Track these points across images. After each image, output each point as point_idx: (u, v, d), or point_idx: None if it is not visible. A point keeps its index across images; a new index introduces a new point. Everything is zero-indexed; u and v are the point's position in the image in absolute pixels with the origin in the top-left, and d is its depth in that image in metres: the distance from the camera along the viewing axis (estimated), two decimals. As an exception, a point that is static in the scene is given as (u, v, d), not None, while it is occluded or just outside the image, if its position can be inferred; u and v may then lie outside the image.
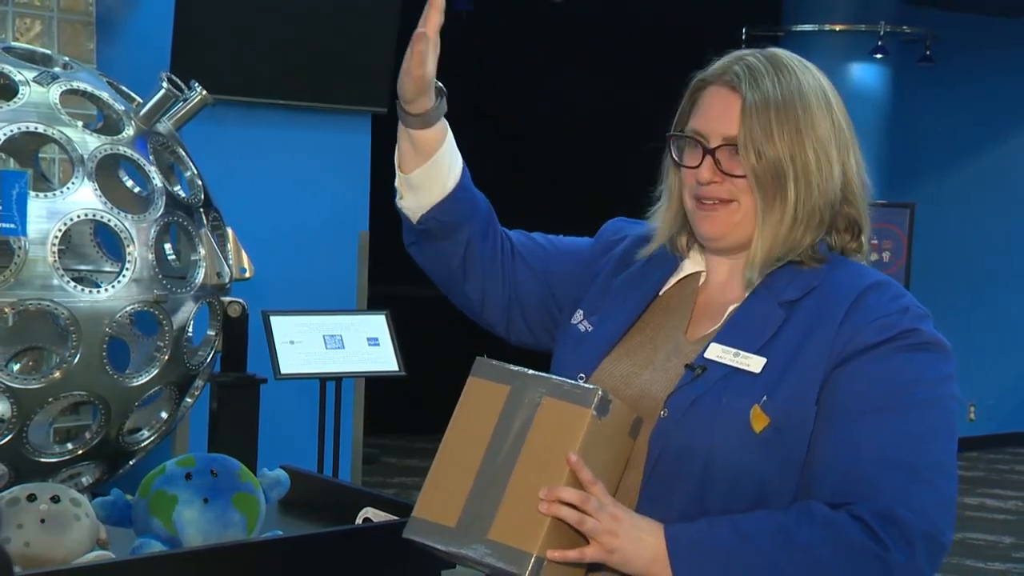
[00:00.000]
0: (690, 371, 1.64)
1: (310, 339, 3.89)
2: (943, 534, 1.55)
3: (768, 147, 1.63)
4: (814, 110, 1.66)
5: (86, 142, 2.54)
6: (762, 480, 1.58)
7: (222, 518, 2.03)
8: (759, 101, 1.64)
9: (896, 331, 1.59)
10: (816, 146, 1.65)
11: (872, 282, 1.65)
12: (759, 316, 1.66)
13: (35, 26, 3.44)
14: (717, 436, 1.59)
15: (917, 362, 1.60)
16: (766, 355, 1.62)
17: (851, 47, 7.98)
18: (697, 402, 1.61)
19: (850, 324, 1.60)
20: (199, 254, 2.67)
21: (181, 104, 2.78)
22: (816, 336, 1.61)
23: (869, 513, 1.52)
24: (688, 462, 1.60)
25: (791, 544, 1.52)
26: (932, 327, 1.63)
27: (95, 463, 2.63)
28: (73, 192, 2.47)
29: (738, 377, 1.61)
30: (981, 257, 9.43)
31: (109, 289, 2.49)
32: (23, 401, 2.41)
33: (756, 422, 1.58)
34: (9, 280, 2.39)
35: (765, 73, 1.66)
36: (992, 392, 9.51)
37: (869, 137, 8.30)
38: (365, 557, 2.11)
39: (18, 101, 2.52)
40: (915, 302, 1.65)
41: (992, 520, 7.38)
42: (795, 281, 1.66)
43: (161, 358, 2.58)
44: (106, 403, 2.51)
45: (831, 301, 1.63)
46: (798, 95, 1.66)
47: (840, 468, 1.55)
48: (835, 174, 1.67)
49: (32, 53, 2.80)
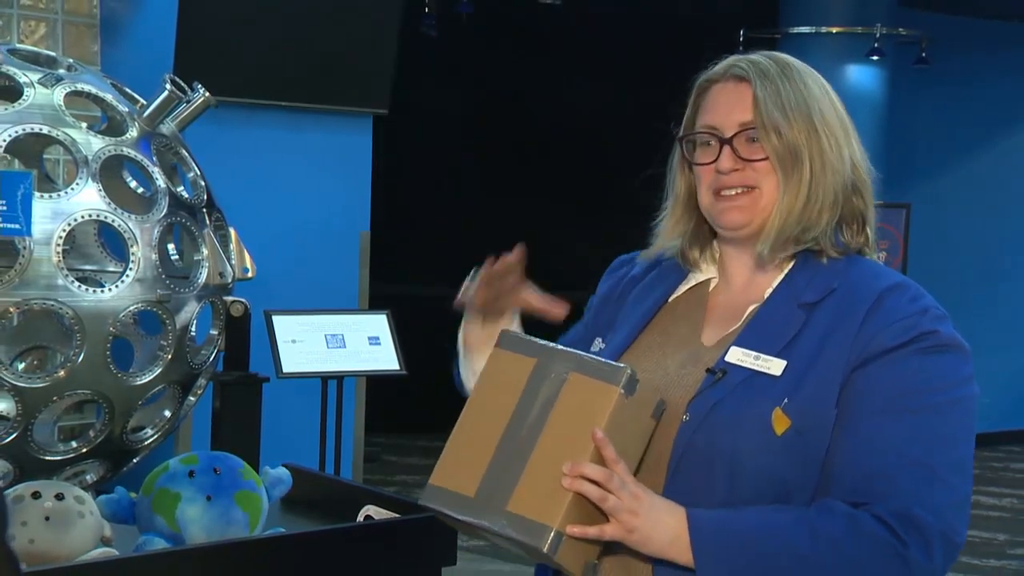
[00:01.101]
0: (711, 375, 1.63)
1: (312, 338, 3.89)
2: (958, 534, 1.56)
3: (786, 127, 1.65)
4: (820, 98, 1.69)
5: (90, 143, 2.54)
6: (784, 480, 1.58)
7: (225, 516, 2.03)
8: (770, 87, 1.66)
9: (915, 333, 1.59)
10: (826, 130, 1.67)
11: (891, 283, 1.65)
12: (779, 319, 1.65)
13: (40, 28, 3.45)
14: (739, 439, 1.58)
15: (936, 364, 1.60)
16: (787, 358, 1.61)
17: (847, 49, 7.98)
18: (718, 406, 1.61)
19: (870, 326, 1.60)
20: (202, 254, 2.67)
21: (184, 106, 2.78)
22: (836, 338, 1.61)
23: (887, 512, 1.53)
24: (711, 465, 1.59)
25: (814, 534, 1.53)
26: (951, 328, 1.63)
27: (99, 461, 2.63)
28: (77, 193, 2.47)
29: (759, 380, 1.61)
30: (976, 257, 9.44)
31: (113, 289, 2.49)
32: (28, 399, 2.41)
33: (778, 424, 1.58)
34: (14, 280, 2.39)
35: (769, 66, 1.68)
36: (987, 391, 9.40)
37: (865, 138, 8.14)
38: (366, 554, 2.11)
39: (23, 103, 2.52)
40: (934, 303, 1.65)
41: (987, 517, 7.38)
42: (814, 282, 1.66)
43: (164, 357, 2.58)
44: (110, 402, 2.51)
45: (851, 303, 1.63)
46: (803, 85, 1.68)
47: (859, 468, 1.56)
48: (845, 158, 1.70)
49: (37, 55, 2.80)
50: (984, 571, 6.23)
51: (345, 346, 3.91)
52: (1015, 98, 9.50)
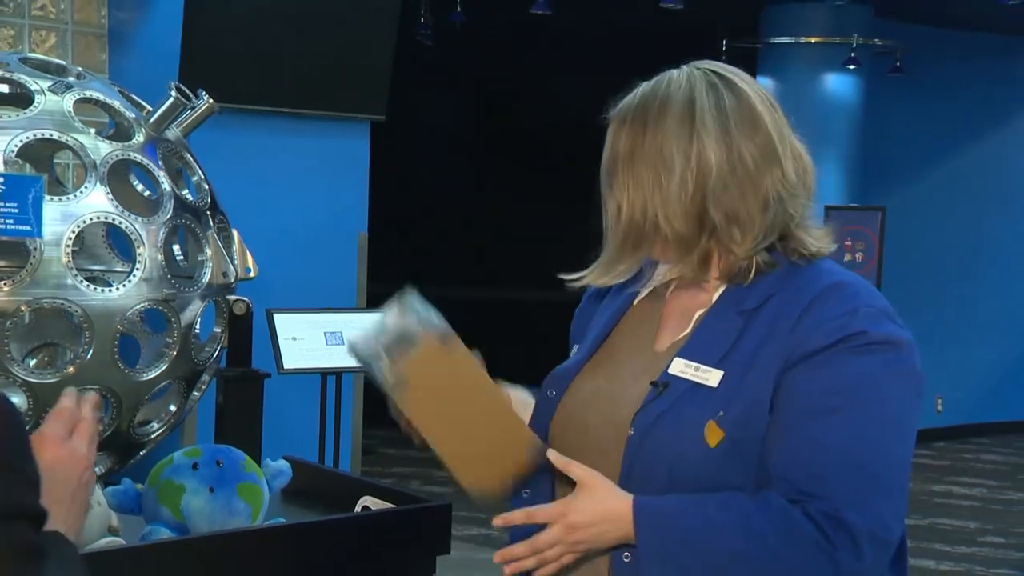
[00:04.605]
0: (655, 388, 1.61)
1: (312, 336, 3.88)
2: (889, 531, 1.52)
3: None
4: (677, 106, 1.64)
5: (98, 148, 2.54)
6: (726, 485, 1.55)
7: (227, 506, 2.03)
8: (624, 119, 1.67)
9: (844, 334, 1.54)
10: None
11: (828, 285, 1.60)
12: (720, 326, 1.62)
13: (50, 38, 3.44)
14: (679, 451, 1.56)
15: (866, 363, 1.54)
16: (724, 367, 1.58)
17: (825, 58, 7.99)
18: (660, 418, 1.59)
19: (801, 330, 1.56)
20: (206, 255, 2.66)
21: (189, 112, 2.78)
22: (771, 343, 1.57)
23: (818, 513, 1.50)
24: (655, 476, 1.58)
25: (749, 530, 1.51)
26: (884, 326, 1.57)
27: (107, 454, 2.62)
28: (86, 196, 2.47)
29: (698, 392, 1.58)
30: (948, 257, 9.46)
31: (120, 288, 2.48)
32: (39, 394, 2.40)
33: (711, 437, 1.55)
34: (25, 280, 2.38)
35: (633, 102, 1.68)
36: (959, 386, 9.54)
37: (842, 143, 8.31)
38: (363, 543, 2.11)
39: (34, 109, 2.51)
40: (868, 302, 1.58)
41: (959, 507, 7.40)
42: (756, 288, 1.62)
43: (170, 354, 2.58)
44: (118, 396, 2.51)
45: (787, 308, 1.58)
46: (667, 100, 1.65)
47: (792, 470, 1.52)
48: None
49: (47, 63, 2.80)
50: (955, 558, 6.25)
51: (343, 343, 3.91)
52: (985, 105, 9.53)
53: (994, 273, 9.69)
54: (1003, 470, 8.55)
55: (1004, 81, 9.56)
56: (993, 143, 9.64)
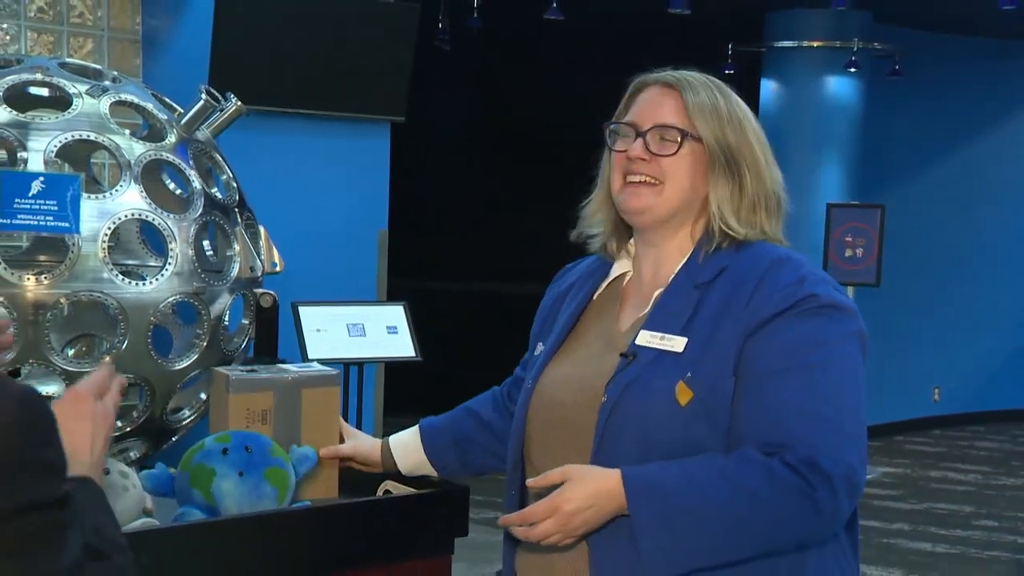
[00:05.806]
0: (624, 358, 1.67)
1: (335, 327, 3.89)
2: (857, 474, 1.58)
3: (719, 131, 1.71)
4: (752, 119, 1.76)
5: (133, 148, 2.55)
6: (695, 446, 1.60)
7: (256, 490, 2.04)
8: (701, 95, 1.72)
9: (795, 299, 1.62)
10: (759, 144, 1.74)
11: (774, 258, 1.68)
12: (678, 300, 1.69)
13: (87, 44, 3.45)
14: (649, 413, 1.62)
15: (817, 324, 1.62)
16: (687, 334, 1.64)
17: (827, 62, 7.96)
18: (631, 385, 1.64)
19: (756, 300, 1.63)
20: (234, 250, 2.68)
21: (218, 114, 2.79)
22: (730, 313, 1.64)
23: (795, 460, 1.54)
24: (627, 439, 1.63)
25: (735, 486, 1.55)
26: (831, 291, 1.65)
27: (141, 439, 2.64)
28: (121, 194, 2.48)
29: (665, 358, 1.64)
30: (945, 254, 9.42)
31: (153, 282, 2.50)
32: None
33: (681, 396, 1.60)
34: (64, 274, 2.40)
35: (701, 81, 1.75)
36: (955, 376, 9.51)
37: (843, 143, 8.29)
38: (385, 525, 2.12)
39: (72, 111, 2.53)
40: (813, 271, 1.67)
41: (954, 492, 7.39)
42: (708, 264, 1.70)
43: (200, 344, 2.59)
44: (151, 385, 2.53)
45: (741, 279, 1.66)
46: (738, 105, 1.75)
47: (762, 425, 1.58)
48: (772, 168, 1.76)
49: (85, 68, 2.81)
50: (951, 540, 6.24)
51: (365, 335, 3.92)
52: (981, 107, 9.48)
53: (989, 268, 9.65)
54: (997, 457, 8.52)
55: (999, 84, 9.52)
56: (988, 143, 9.59)
